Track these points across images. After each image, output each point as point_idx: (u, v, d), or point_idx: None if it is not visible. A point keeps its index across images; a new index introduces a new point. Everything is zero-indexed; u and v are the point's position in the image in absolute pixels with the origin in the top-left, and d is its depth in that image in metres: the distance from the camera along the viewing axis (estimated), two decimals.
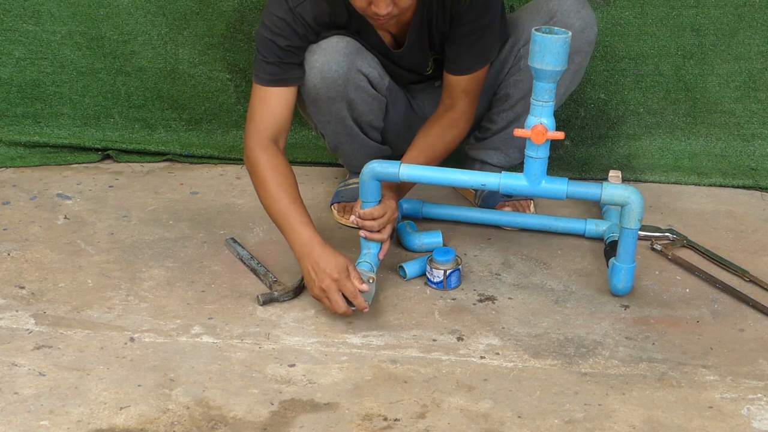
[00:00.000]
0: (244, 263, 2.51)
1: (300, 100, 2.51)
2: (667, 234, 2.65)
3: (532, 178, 2.29)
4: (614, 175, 2.81)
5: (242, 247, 2.56)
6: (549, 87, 2.18)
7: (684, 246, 2.61)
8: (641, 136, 3.12)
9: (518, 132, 2.22)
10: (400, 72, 2.60)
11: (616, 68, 3.05)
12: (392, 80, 2.60)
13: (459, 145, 2.59)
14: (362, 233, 2.37)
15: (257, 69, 2.42)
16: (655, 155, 3.09)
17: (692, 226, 2.70)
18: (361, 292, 2.25)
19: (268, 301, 2.34)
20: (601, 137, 3.11)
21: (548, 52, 2.11)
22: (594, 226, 2.63)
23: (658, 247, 2.59)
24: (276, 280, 2.40)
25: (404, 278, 2.45)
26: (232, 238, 2.60)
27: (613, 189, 2.27)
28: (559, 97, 2.60)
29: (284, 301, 2.35)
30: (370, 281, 2.29)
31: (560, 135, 2.21)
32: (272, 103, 2.41)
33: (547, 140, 2.22)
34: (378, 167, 2.33)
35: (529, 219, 2.68)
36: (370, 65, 2.49)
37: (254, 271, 2.47)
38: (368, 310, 2.27)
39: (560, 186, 2.29)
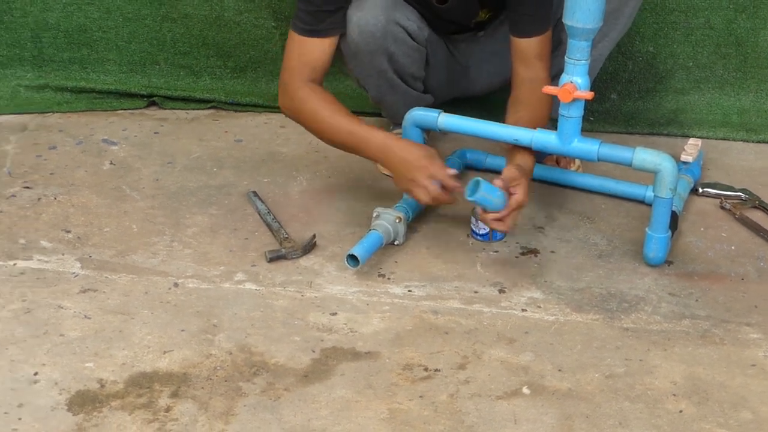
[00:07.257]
0: (261, 217, 2.48)
1: (341, 55, 2.49)
2: (739, 194, 2.60)
3: (564, 137, 2.28)
4: (693, 143, 2.67)
5: (261, 201, 2.53)
6: (581, 45, 2.14)
7: (755, 207, 2.57)
8: (689, 91, 3.07)
9: (547, 89, 2.24)
10: (441, 23, 2.58)
11: (666, 21, 3.00)
12: (432, 31, 2.57)
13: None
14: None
15: (295, 16, 2.41)
16: (704, 110, 3.05)
17: (739, 183, 2.67)
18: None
19: (275, 258, 2.31)
20: (649, 91, 3.07)
21: (579, 8, 2.08)
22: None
23: (728, 206, 2.55)
24: (287, 237, 2.37)
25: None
26: (254, 192, 2.57)
27: (645, 154, 2.23)
28: (611, 42, 2.57)
29: (293, 258, 2.32)
30: (398, 221, 2.32)
31: (588, 95, 2.20)
32: (308, 52, 2.40)
33: (577, 99, 2.20)
34: (418, 114, 2.44)
35: (591, 180, 2.63)
36: (408, 18, 2.46)
37: (269, 226, 2.44)
38: (457, 202, 2.31)
39: (592, 147, 2.28)
